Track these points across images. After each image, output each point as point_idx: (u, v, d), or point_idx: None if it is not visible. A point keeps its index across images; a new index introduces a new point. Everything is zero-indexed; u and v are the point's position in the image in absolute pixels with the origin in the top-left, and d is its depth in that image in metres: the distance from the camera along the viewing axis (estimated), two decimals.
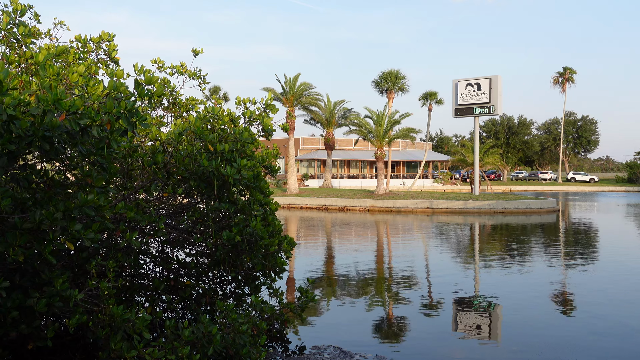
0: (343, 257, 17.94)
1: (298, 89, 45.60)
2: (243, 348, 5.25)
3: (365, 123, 43.22)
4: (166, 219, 6.54)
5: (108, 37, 6.63)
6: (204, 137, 5.21)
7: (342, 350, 7.72)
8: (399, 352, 8.25)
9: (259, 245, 5.87)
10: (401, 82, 53.63)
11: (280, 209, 38.30)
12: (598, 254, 18.68)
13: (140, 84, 3.95)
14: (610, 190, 70.41)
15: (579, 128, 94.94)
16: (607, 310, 10.66)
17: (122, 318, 4.67)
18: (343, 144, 70.18)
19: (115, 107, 3.68)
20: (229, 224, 5.88)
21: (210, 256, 6.77)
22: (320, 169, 68.13)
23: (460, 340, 8.91)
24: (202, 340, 5.04)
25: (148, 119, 5.85)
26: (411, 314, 10.41)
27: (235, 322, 5.29)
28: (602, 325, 9.61)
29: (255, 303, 6.17)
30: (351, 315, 10.29)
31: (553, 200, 38.48)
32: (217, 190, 5.50)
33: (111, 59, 6.76)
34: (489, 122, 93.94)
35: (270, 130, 6.10)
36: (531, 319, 9.96)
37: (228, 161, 5.34)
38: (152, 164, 5.28)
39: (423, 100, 56.17)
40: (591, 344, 8.63)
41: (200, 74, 7.24)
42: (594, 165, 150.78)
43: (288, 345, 7.80)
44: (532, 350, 8.29)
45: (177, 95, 7.15)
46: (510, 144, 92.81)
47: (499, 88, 41.45)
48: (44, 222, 3.92)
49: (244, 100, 6.03)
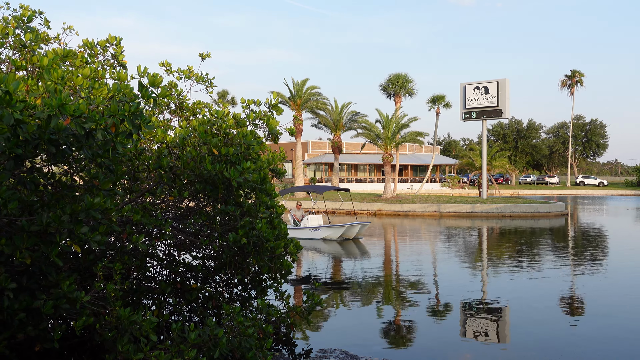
0: (350, 261, 17.91)
1: (305, 93, 45.66)
2: (249, 351, 5.24)
3: (373, 126, 43.18)
4: (173, 222, 6.56)
5: (115, 40, 6.67)
6: (208, 141, 5.22)
7: (349, 354, 7.70)
8: (406, 356, 8.22)
9: (264, 248, 5.86)
10: (409, 86, 53.55)
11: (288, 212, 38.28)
12: (607, 258, 18.53)
13: (144, 85, 3.96)
14: (620, 194, 69.87)
15: (588, 131, 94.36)
16: (617, 315, 10.56)
17: (129, 320, 4.68)
18: (350, 147, 70.16)
19: (120, 110, 3.70)
20: (235, 226, 5.89)
21: (216, 259, 6.77)
22: (328, 172, 68.11)
23: (467, 345, 8.86)
24: (208, 343, 5.04)
25: (154, 122, 5.87)
26: (419, 318, 10.37)
27: (241, 325, 5.29)
28: (612, 330, 9.52)
29: (262, 306, 6.16)
30: (359, 319, 10.27)
31: (561, 204, 38.25)
32: (223, 193, 5.51)
33: (118, 62, 6.80)
34: (497, 125, 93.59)
35: (276, 132, 6.11)
36: (540, 324, 9.89)
37: (233, 164, 5.35)
38: (158, 167, 5.30)
39: (431, 104, 55.98)
40: (599, 347, 8.56)
41: (207, 77, 7.27)
42: (603, 169, 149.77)
43: (294, 348, 7.79)
44: (540, 355, 8.23)
45: (184, 99, 7.19)
46: (519, 148, 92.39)
47: (507, 91, 41.29)
48: (51, 224, 3.94)
49: (249, 101, 6.05)
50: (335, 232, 22.11)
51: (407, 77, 53.12)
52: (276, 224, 6.19)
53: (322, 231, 22.40)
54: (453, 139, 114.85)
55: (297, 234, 22.36)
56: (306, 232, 22.54)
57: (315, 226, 22.65)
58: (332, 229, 22.27)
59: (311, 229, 22.58)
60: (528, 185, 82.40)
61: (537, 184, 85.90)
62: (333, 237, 22.10)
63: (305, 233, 22.50)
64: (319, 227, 22.53)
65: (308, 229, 22.56)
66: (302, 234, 22.44)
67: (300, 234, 22.33)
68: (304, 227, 22.72)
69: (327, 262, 17.86)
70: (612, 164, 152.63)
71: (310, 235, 22.50)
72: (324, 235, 22.33)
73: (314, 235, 22.45)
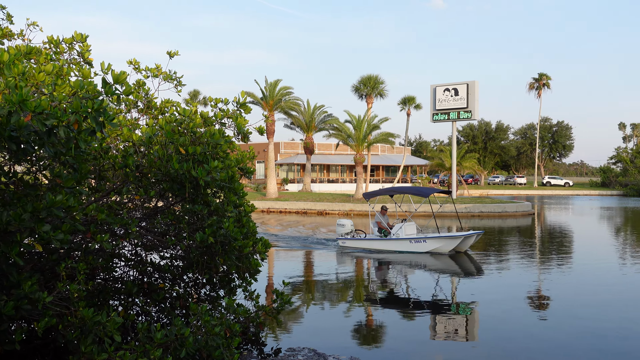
0: (321, 261, 17.95)
1: (278, 93, 45.58)
2: (216, 350, 5.23)
3: (345, 127, 43.37)
4: (140, 221, 6.49)
5: (81, 38, 6.56)
6: (175, 140, 5.18)
7: (317, 352, 7.72)
8: (375, 354, 8.28)
9: (232, 247, 5.85)
10: (380, 87, 53.92)
11: (260, 212, 38.18)
12: (572, 256, 18.99)
13: (108, 82, 3.92)
14: (585, 194, 71.62)
15: (555, 133, 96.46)
16: (583, 311, 10.84)
17: (92, 321, 4.63)
18: (323, 148, 70.29)
19: (83, 107, 3.65)
20: (203, 225, 5.86)
21: (184, 259, 6.73)
22: (300, 173, 68.11)
23: (437, 344, 8.97)
24: (174, 342, 5.01)
25: (120, 119, 5.80)
26: (389, 317, 10.46)
27: (208, 324, 5.27)
28: (579, 326, 9.77)
29: (229, 305, 6.15)
30: (329, 318, 10.31)
31: (528, 204, 39.02)
32: (190, 192, 5.48)
33: (85, 60, 6.69)
34: (467, 127, 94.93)
35: (245, 132, 6.10)
36: (508, 321, 10.08)
37: (200, 163, 5.33)
38: (124, 166, 5.25)
39: (402, 105, 56.52)
40: (569, 344, 8.77)
41: (175, 76, 7.20)
42: (569, 169, 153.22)
43: (263, 347, 7.78)
44: (509, 353, 8.40)
45: (152, 97, 7.11)
46: (488, 149, 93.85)
47: (476, 93, 41.94)
48: (11, 223, 3.87)
49: (217, 100, 6.03)
50: (447, 244, 18.24)
51: (379, 79, 53.49)
52: (244, 223, 6.19)
53: (429, 243, 18.38)
54: (424, 139, 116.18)
55: (390, 246, 18.83)
56: (405, 244, 18.60)
57: (420, 237, 18.64)
58: (444, 240, 18.31)
59: (413, 240, 18.55)
60: (497, 186, 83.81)
61: (506, 184, 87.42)
62: (444, 249, 18.27)
63: (404, 245, 18.61)
64: (425, 238, 18.48)
65: (408, 241, 18.58)
66: (399, 246, 18.70)
67: (395, 246, 18.77)
68: (402, 238, 18.71)
69: (298, 262, 17.83)
70: (578, 165, 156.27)
71: (411, 247, 18.52)
72: (431, 247, 18.33)
73: (416, 248, 18.42)
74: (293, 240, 22.43)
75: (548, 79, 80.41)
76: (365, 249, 19.23)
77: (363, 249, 19.34)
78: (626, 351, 8.33)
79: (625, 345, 8.62)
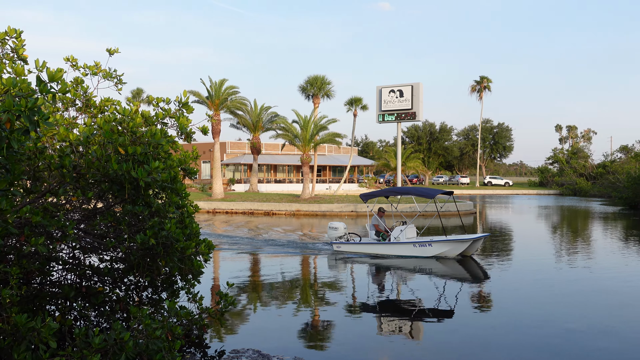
0: (267, 262, 17.90)
1: (224, 93, 45.11)
2: (157, 354, 5.15)
3: (292, 127, 43.38)
4: (78, 223, 6.30)
5: (15, 33, 6.30)
6: (114, 140, 5.07)
7: (261, 353, 7.71)
8: (320, 354, 8.35)
9: (174, 248, 5.77)
10: (327, 88, 54.28)
11: (205, 213, 37.69)
12: (512, 252, 19.70)
13: (43, 81, 3.79)
14: (524, 193, 74.49)
15: (495, 134, 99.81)
16: (520, 306, 11.28)
17: (26, 327, 4.47)
18: (270, 148, 70.07)
19: (16, 105, 3.52)
20: (144, 227, 5.75)
21: (125, 261, 6.58)
22: (247, 173, 67.64)
23: (382, 343, 9.13)
24: (113, 347, 4.90)
25: (56, 118, 5.62)
26: (335, 317, 10.55)
27: (149, 327, 5.18)
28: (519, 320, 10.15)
29: (171, 308, 6.06)
30: (275, 319, 10.30)
31: (470, 203, 40.23)
32: (131, 193, 5.37)
33: (19, 56, 6.42)
34: (412, 128, 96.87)
35: (188, 131, 6.03)
36: (453, 318, 10.38)
37: (141, 163, 5.23)
38: (60, 166, 5.08)
39: (348, 106, 57.00)
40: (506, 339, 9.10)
41: (115, 74, 7.03)
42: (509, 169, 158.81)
43: (207, 350, 7.71)
44: (450, 348, 8.65)
45: (91, 95, 6.91)
46: (432, 150, 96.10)
47: (420, 95, 42.88)
48: None
49: (158, 99, 5.93)
50: (455, 248, 17.17)
51: (326, 79, 53.85)
52: (187, 224, 6.11)
53: (434, 247, 17.29)
54: (370, 140, 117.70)
55: (392, 250, 17.73)
56: (408, 249, 17.53)
57: (424, 240, 17.59)
58: (451, 244, 17.17)
59: (417, 244, 17.51)
60: (440, 186, 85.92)
61: (449, 184, 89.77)
62: (450, 254, 17.29)
63: (407, 249, 17.54)
64: (430, 242, 17.39)
65: (412, 245, 17.54)
66: (401, 250, 17.63)
67: (397, 251, 17.69)
68: (404, 242, 17.64)
69: (244, 263, 17.71)
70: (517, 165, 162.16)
71: (414, 252, 17.48)
72: (437, 252, 17.30)
73: (420, 252, 17.42)
74: (289, 246, 20.78)
75: (489, 82, 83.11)
76: (363, 254, 18.09)
77: (361, 253, 18.14)
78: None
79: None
